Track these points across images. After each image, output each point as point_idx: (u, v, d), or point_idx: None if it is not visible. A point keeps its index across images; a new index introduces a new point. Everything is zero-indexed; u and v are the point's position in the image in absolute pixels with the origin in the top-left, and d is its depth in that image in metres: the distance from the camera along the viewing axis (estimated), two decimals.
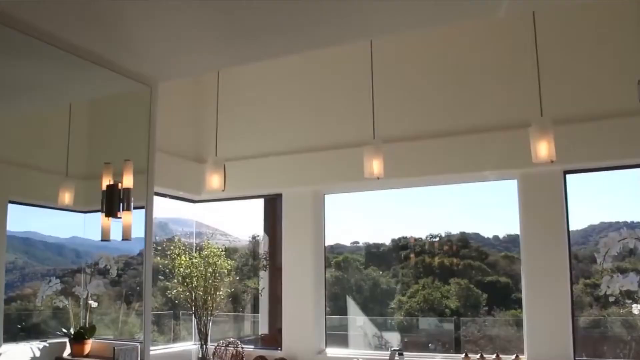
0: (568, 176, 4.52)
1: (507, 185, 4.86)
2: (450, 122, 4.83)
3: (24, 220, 3.35)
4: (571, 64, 4.45)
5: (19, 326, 3.39)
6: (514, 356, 4.48)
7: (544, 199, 4.52)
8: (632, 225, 4.44)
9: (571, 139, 4.19)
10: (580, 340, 4.43)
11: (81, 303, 3.77)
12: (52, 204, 3.50)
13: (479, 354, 4.60)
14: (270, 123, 5.63)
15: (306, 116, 5.48)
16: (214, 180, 4.53)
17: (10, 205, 3.18)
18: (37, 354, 3.36)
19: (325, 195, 5.52)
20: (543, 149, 3.56)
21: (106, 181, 3.59)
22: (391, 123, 4.83)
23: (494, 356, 4.55)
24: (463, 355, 4.65)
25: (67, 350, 3.58)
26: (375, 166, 4.08)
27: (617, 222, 4.63)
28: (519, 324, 4.81)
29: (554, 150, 3.56)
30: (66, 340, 3.60)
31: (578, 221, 4.58)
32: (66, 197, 3.54)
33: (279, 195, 5.62)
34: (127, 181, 3.61)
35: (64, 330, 3.63)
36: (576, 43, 4.45)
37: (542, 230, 4.49)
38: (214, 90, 4.73)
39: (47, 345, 3.47)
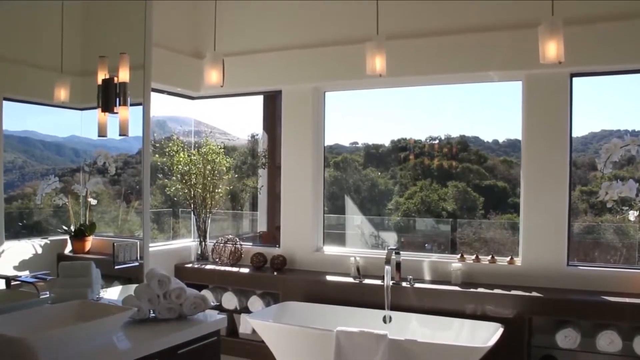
0: (575, 80, 4.42)
1: (509, 88, 4.77)
2: (457, 20, 4.65)
3: (20, 118, 3.28)
4: None
5: (20, 224, 3.40)
6: (508, 258, 4.58)
7: (549, 102, 4.43)
8: (634, 133, 4.40)
9: (581, 41, 4.07)
10: (573, 245, 4.51)
11: (81, 201, 3.77)
12: (48, 101, 3.41)
13: (474, 255, 4.69)
14: (270, 17, 5.41)
15: (308, 11, 5.25)
16: (213, 76, 4.41)
17: (6, 103, 3.10)
18: (39, 250, 3.40)
19: (326, 93, 5.41)
20: (551, 49, 3.43)
21: (102, 75, 3.49)
22: (395, 19, 4.64)
23: (489, 257, 4.64)
24: (459, 256, 4.74)
25: (68, 247, 3.62)
26: (378, 63, 3.96)
27: (619, 130, 4.58)
28: (514, 227, 4.88)
29: (563, 51, 3.44)
30: (67, 237, 3.63)
31: (579, 128, 4.53)
32: (62, 94, 3.45)
33: (279, 92, 5.50)
34: (123, 75, 3.51)
35: (64, 227, 3.64)
36: None
37: (544, 135, 4.45)
38: None
39: (49, 242, 3.49)
